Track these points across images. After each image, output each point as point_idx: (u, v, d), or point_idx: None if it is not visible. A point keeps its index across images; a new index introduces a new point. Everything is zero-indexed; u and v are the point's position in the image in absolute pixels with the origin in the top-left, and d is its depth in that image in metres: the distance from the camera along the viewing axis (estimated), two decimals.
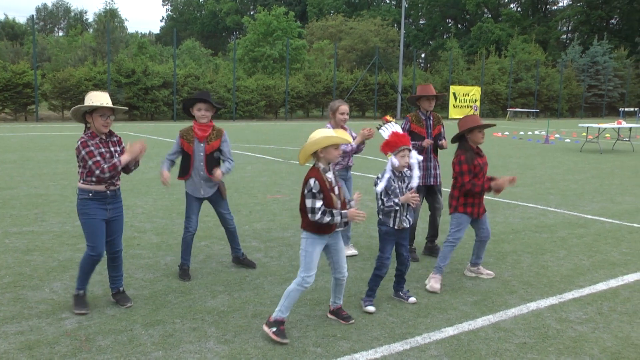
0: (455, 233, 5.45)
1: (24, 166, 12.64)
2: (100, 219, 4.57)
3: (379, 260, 4.82)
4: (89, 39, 49.29)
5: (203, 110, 5.46)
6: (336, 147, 4.19)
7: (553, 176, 13.17)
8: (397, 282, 5.03)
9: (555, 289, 5.40)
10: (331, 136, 4.14)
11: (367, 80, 41.75)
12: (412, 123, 6.35)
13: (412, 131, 6.32)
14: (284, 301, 4.23)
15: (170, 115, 33.83)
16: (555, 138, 25.29)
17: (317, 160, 4.23)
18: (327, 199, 4.15)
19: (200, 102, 5.44)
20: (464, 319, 4.62)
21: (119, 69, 32.21)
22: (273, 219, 8.11)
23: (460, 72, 47.20)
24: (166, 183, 5.57)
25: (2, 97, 29.44)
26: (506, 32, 66.84)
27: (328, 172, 4.23)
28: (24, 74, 29.91)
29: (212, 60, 55.41)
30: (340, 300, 4.58)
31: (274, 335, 4.12)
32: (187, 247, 5.61)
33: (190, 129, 5.56)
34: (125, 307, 4.68)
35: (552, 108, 51.53)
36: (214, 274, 5.63)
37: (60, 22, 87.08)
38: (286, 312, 4.23)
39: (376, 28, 62.06)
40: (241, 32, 75.03)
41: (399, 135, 4.74)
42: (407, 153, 4.73)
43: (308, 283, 4.22)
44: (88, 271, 4.66)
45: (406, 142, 4.73)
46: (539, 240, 7.28)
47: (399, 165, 4.72)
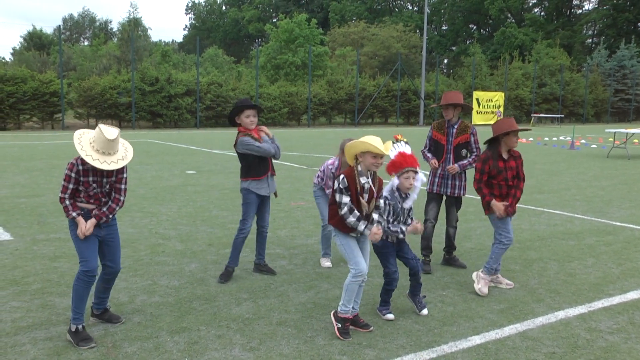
0: (507, 234, 5.41)
1: (51, 174, 12.85)
2: (92, 236, 4.27)
3: (387, 276, 4.76)
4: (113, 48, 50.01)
5: (252, 117, 5.56)
6: (373, 156, 4.22)
7: (579, 182, 12.98)
8: (413, 286, 4.95)
9: (584, 298, 5.31)
10: (368, 143, 4.19)
11: (389, 87, 41.68)
12: (434, 130, 6.30)
13: (433, 138, 6.27)
14: (344, 294, 4.41)
15: (193, 122, 34.13)
16: (581, 144, 24.94)
17: (357, 162, 4.32)
18: (352, 200, 4.27)
19: (249, 109, 5.52)
20: (490, 328, 4.57)
21: (143, 77, 32.63)
22: (297, 226, 8.12)
23: (484, 77, 46.87)
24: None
25: (30, 105, 30.03)
26: (530, 36, 66.21)
27: (363, 177, 4.30)
28: (50, 83, 30.50)
29: (235, 68, 55.82)
30: (357, 306, 4.56)
31: (337, 332, 4.34)
32: (238, 249, 5.72)
33: (248, 132, 5.57)
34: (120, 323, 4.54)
35: (578, 113, 50.87)
36: (239, 281, 5.65)
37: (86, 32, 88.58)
38: (348, 304, 4.38)
39: (398, 34, 61.97)
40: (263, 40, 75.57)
41: (405, 156, 4.65)
42: (411, 175, 4.61)
43: (360, 274, 4.34)
44: (83, 294, 4.22)
45: (412, 164, 4.63)
46: (565, 247, 7.17)
47: (400, 186, 4.66)
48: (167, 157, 16.33)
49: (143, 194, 10.43)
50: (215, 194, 10.53)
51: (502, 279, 5.64)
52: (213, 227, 7.93)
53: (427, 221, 6.25)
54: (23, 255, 6.43)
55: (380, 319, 4.74)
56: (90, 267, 4.21)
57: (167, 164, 14.80)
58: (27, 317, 4.65)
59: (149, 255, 6.51)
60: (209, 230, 7.78)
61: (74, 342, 4.15)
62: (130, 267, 6.00)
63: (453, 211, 6.36)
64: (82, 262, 4.23)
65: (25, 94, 29.61)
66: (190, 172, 13.55)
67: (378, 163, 4.25)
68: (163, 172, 13.40)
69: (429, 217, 6.26)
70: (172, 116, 33.16)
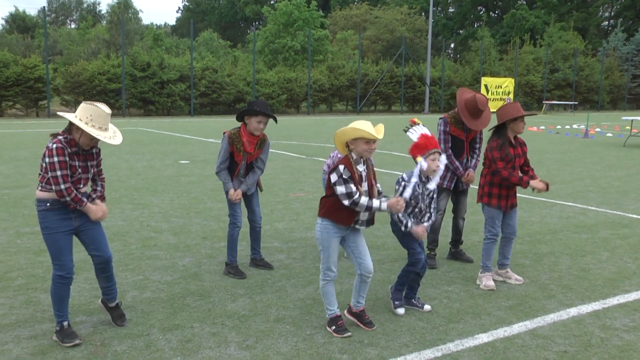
0: (491, 229, 5.48)
1: (36, 164, 12.83)
2: (64, 232, 4.14)
3: (412, 256, 4.81)
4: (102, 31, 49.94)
5: (263, 124, 5.47)
6: (366, 142, 4.21)
7: (593, 173, 12.97)
8: (410, 288, 4.95)
9: (598, 294, 5.30)
10: (359, 129, 4.17)
11: (393, 72, 41.58)
12: (452, 125, 6.07)
13: (452, 134, 6.09)
14: (324, 299, 4.49)
15: (187, 110, 34.09)
16: (595, 132, 24.90)
17: (349, 150, 4.29)
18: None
19: (264, 116, 5.42)
20: (498, 325, 4.57)
21: (134, 62, 32.55)
22: (296, 219, 8.12)
23: (492, 62, 46.73)
24: (237, 200, 5.62)
25: (13, 92, 29.96)
26: (542, 19, 65.94)
27: (359, 165, 4.29)
28: (35, 68, 30.39)
29: (231, 53, 55.72)
30: (363, 300, 4.55)
31: (334, 333, 4.36)
32: (232, 245, 5.76)
33: (239, 137, 5.50)
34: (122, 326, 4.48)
35: (592, 100, 50.76)
36: (227, 275, 5.64)
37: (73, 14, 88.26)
38: (332, 307, 4.43)
39: (403, 17, 61.76)
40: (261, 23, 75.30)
41: (429, 138, 4.72)
42: (437, 156, 4.70)
43: (329, 276, 4.42)
44: (62, 296, 4.18)
45: (436, 145, 4.73)
46: (578, 241, 7.16)
47: (428, 169, 4.68)
48: (159, 147, 16.31)
49: (134, 184, 10.41)
50: (210, 185, 10.52)
51: (512, 274, 5.64)
52: (207, 220, 7.93)
53: (437, 213, 6.23)
54: (6, 249, 6.42)
55: (383, 314, 4.74)
56: (65, 271, 4.14)
57: (159, 154, 14.78)
58: (10, 315, 4.65)
59: (140, 249, 6.51)
60: (203, 222, 7.78)
61: (59, 340, 4.14)
62: (121, 261, 5.99)
63: (464, 201, 6.38)
64: (56, 266, 4.14)
65: (8, 79, 29.52)
66: (184, 162, 13.53)
67: (371, 148, 4.24)
68: (155, 162, 13.38)
69: (440, 208, 6.25)
70: (164, 103, 33.10)
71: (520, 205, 8.93)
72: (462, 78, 44.11)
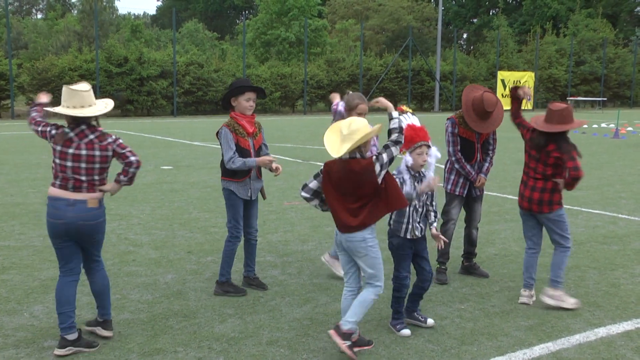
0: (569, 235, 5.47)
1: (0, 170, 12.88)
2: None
3: (396, 280, 4.86)
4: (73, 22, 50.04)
5: (252, 101, 5.61)
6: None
7: (624, 177, 13.02)
8: (412, 301, 4.99)
9: (630, 312, 5.33)
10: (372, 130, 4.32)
11: (399, 66, 41.71)
12: (461, 126, 6.12)
13: (461, 136, 6.15)
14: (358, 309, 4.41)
15: (169, 110, 34.17)
16: (627, 132, 24.98)
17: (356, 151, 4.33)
18: None
19: (250, 91, 5.58)
20: (517, 347, 4.59)
21: (109, 57, 32.63)
22: (291, 230, 8.15)
23: (510, 54, 46.86)
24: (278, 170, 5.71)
25: None
26: (566, 5, 66.09)
27: None
28: None
29: (218, 45, 55.85)
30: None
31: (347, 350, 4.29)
32: (228, 260, 5.75)
33: (237, 124, 5.60)
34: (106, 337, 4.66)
35: (624, 96, 50.90)
36: (223, 295, 5.67)
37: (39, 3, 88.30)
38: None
39: (410, 4, 61.99)
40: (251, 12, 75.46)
41: (416, 129, 4.74)
42: (425, 150, 4.72)
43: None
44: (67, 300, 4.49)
45: (424, 137, 4.72)
46: (608, 253, 7.20)
47: (413, 165, 4.74)
48: (139, 150, 16.17)
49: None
50: (196, 193, 10.55)
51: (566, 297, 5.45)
52: (193, 232, 7.96)
53: (448, 222, 6.26)
54: None
55: (388, 335, 4.77)
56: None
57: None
58: None
59: (117, 265, 6.53)
60: (187, 235, 7.81)
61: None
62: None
63: (478, 209, 6.42)
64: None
65: None
66: (166, 168, 13.57)
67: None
68: None
69: (452, 217, 6.26)
70: (144, 102, 33.18)
71: None
72: (476, 72, 44.25)
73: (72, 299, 4.47)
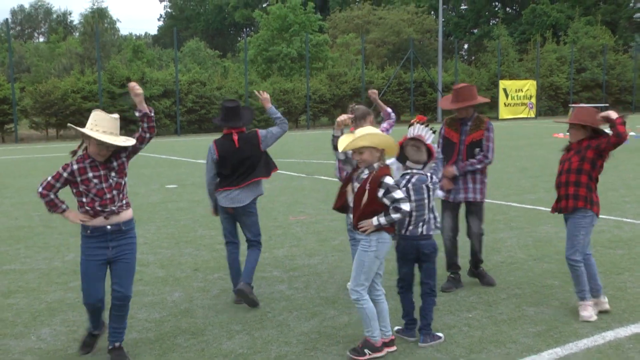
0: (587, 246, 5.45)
1: (2, 194, 12.94)
2: (97, 261, 4.54)
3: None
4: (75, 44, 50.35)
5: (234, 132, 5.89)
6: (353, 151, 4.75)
7: (628, 182, 13.01)
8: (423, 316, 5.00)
9: (637, 315, 5.34)
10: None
11: (401, 79, 41.81)
12: (446, 126, 6.35)
13: (445, 136, 6.31)
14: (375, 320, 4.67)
15: (173, 129, 34.28)
16: (630, 136, 24.95)
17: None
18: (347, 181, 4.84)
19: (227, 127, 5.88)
20: (525, 354, 4.60)
21: (112, 78, 32.79)
22: (297, 244, 8.17)
23: (511, 63, 46.91)
24: None
25: None
26: (565, 13, 66.26)
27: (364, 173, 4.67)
28: None
29: (220, 63, 56.11)
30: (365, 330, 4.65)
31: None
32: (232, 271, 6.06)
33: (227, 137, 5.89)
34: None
35: (625, 101, 50.83)
36: (230, 311, 5.70)
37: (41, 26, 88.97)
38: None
39: (410, 17, 62.19)
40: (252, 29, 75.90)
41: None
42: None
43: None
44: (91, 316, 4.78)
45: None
46: (613, 257, 7.20)
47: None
48: (143, 170, 16.40)
49: None
50: (201, 211, 10.59)
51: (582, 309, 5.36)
52: (199, 250, 7.99)
53: (442, 234, 6.27)
54: None
55: (397, 346, 4.77)
56: (89, 300, 4.59)
57: (144, 178, 14.87)
58: None
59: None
60: (194, 253, 7.84)
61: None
62: None
63: (473, 222, 6.35)
64: (82, 294, 4.63)
65: None
66: (171, 187, 13.62)
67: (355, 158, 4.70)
68: (139, 187, 13.46)
69: (445, 230, 6.28)
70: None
71: (546, 220, 8.99)
72: (478, 82, 44.27)
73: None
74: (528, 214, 9.78)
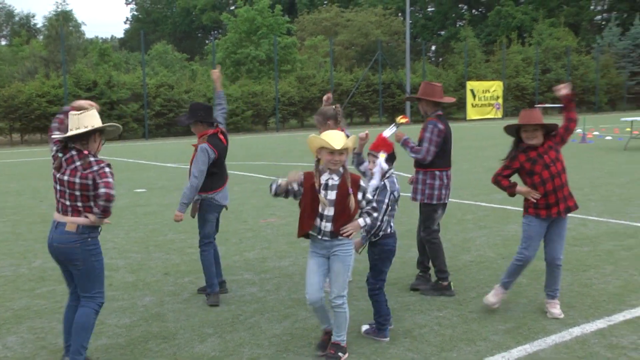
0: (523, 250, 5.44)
1: None
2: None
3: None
4: (39, 48, 49.64)
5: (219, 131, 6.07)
6: (329, 152, 4.45)
7: (593, 180, 13.24)
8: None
9: (603, 311, 5.44)
10: (320, 137, 4.50)
11: (369, 80, 42.00)
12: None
13: None
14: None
15: (141, 132, 33.97)
16: (593, 136, 25.41)
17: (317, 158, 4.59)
18: (310, 197, 4.50)
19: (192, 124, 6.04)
20: (495, 351, 4.66)
21: (78, 82, 32.40)
22: (268, 247, 8.16)
23: (478, 65, 47.44)
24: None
25: None
26: (530, 15, 67.24)
27: (325, 174, 4.53)
28: None
29: (188, 66, 55.74)
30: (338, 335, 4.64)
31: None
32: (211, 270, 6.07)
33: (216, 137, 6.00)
34: None
35: (589, 101, 51.73)
36: (202, 314, 5.67)
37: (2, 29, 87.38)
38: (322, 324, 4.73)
39: (377, 19, 62.50)
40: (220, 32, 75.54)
41: (378, 139, 5.06)
42: (371, 159, 5.05)
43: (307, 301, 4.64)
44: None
45: (374, 146, 5.04)
46: (579, 254, 7.33)
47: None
48: None
49: None
50: (170, 215, 10.48)
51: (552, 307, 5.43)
52: (169, 253, 7.93)
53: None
54: None
55: (368, 346, 4.80)
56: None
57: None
58: None
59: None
60: (164, 257, 7.78)
61: None
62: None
63: (421, 224, 6.31)
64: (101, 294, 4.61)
65: None
66: (139, 191, 13.50)
67: (335, 160, 4.44)
68: None
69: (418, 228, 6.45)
70: None
71: (515, 219, 9.11)
72: (446, 83, 44.67)
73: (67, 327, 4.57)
74: (496, 213, 9.91)
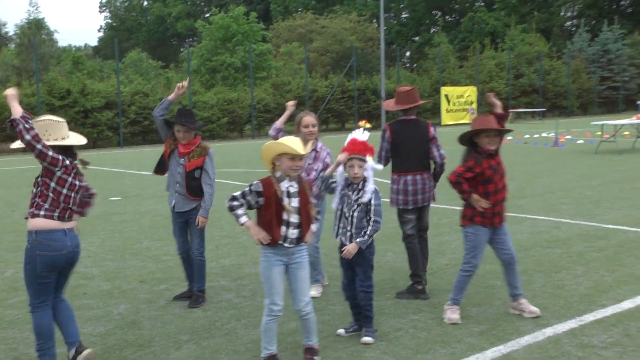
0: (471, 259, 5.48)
1: None
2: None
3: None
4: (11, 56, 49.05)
5: (182, 132, 6.04)
6: (290, 158, 4.42)
7: (565, 183, 13.42)
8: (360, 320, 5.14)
9: (574, 311, 5.52)
10: (282, 143, 4.43)
11: (344, 87, 42.12)
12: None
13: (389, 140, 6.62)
14: (263, 337, 4.53)
15: (116, 141, 33.72)
16: (565, 140, 25.75)
17: (274, 167, 4.54)
18: (273, 207, 4.50)
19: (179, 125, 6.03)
20: (470, 353, 4.71)
21: (51, 90, 32.08)
22: (244, 253, 8.15)
23: (452, 70, 47.86)
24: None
25: None
26: (502, 21, 68.05)
27: (284, 182, 4.52)
28: None
29: (163, 74, 55.46)
30: (310, 340, 4.68)
31: None
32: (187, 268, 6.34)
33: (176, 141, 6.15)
34: None
35: (561, 106, 52.40)
36: (178, 321, 5.65)
37: None
38: (271, 347, 4.51)
39: (352, 25, 62.76)
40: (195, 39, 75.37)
41: (355, 143, 4.96)
42: (355, 163, 4.92)
43: (274, 311, 4.50)
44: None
45: (360, 151, 4.93)
46: (552, 256, 7.42)
47: (348, 176, 5.01)
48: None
49: None
50: (146, 222, 10.46)
51: (527, 305, 5.49)
52: (145, 261, 7.89)
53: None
54: None
55: (344, 350, 4.82)
56: None
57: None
58: None
59: (67, 299, 6.41)
60: (140, 264, 7.74)
61: None
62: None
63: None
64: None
65: None
66: (115, 199, 13.41)
67: (297, 166, 4.46)
68: None
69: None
70: (89, 134, 32.58)
71: None
72: (420, 89, 44.99)
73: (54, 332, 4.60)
74: None
